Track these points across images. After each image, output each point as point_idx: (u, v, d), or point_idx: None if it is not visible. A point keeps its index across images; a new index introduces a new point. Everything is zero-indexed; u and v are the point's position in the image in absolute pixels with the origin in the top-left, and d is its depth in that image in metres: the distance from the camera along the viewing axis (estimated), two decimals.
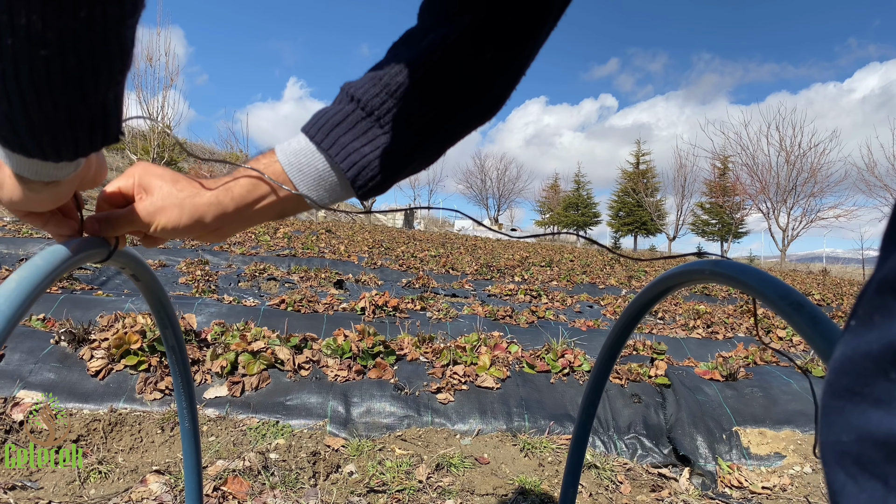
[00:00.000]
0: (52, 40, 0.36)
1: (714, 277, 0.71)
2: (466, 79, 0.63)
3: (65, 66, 0.38)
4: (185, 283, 5.86)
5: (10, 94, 0.38)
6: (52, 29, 0.36)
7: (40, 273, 0.50)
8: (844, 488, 0.25)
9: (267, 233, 11.67)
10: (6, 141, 0.43)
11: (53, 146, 0.43)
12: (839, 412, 0.26)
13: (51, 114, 0.40)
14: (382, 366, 2.75)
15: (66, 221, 0.59)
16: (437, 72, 0.62)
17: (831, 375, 0.28)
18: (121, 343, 2.57)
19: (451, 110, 0.65)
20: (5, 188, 0.51)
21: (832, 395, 0.27)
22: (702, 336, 4.83)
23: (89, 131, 0.44)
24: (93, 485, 1.92)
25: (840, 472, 0.25)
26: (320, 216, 27.54)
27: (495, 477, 2.15)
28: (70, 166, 0.49)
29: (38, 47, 0.36)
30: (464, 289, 7.43)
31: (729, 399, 2.74)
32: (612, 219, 44.91)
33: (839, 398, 0.26)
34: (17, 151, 0.44)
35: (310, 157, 0.63)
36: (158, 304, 0.86)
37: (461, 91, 0.64)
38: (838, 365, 0.27)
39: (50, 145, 0.43)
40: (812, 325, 0.56)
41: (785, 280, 1.92)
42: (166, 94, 16.90)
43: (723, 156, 34.92)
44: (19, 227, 8.28)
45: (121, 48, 0.40)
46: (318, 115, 0.64)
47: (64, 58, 0.38)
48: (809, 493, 2.25)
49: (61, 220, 0.59)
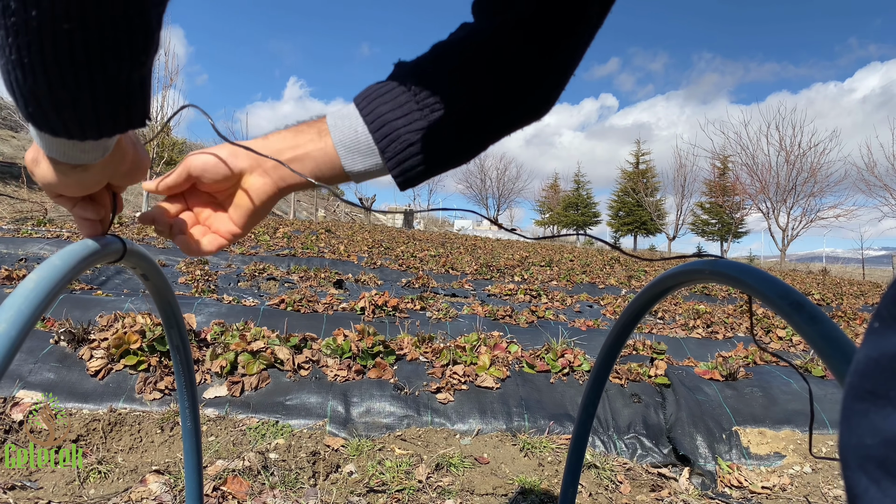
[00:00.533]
0: (74, 14, 0.37)
1: (714, 277, 0.71)
2: (506, 72, 0.65)
3: (86, 40, 0.38)
4: (184, 282, 5.86)
5: (35, 67, 0.39)
6: (75, 3, 0.37)
7: (58, 272, 0.51)
8: (867, 492, 0.24)
9: (266, 233, 11.66)
10: (34, 118, 0.44)
11: (76, 123, 0.44)
12: (863, 415, 0.25)
13: (72, 89, 0.41)
14: (382, 366, 2.75)
15: (92, 205, 0.60)
16: (473, 61, 0.64)
17: (854, 378, 0.27)
18: (120, 343, 2.57)
19: (491, 103, 0.66)
20: (40, 167, 0.53)
21: (855, 397, 0.26)
22: (701, 336, 4.84)
23: (111, 111, 0.44)
24: (92, 485, 1.92)
25: (862, 475, 0.25)
26: (320, 216, 27.51)
27: (495, 477, 2.15)
28: (97, 151, 0.50)
29: (62, 21, 0.37)
30: (463, 289, 7.43)
31: (729, 399, 2.74)
32: (612, 218, 44.91)
33: (862, 401, 0.26)
34: (43, 130, 0.45)
35: (352, 119, 0.64)
36: (166, 304, 0.86)
37: (501, 84, 0.65)
38: (861, 367, 0.27)
39: (73, 122, 0.44)
40: (812, 325, 0.56)
41: (785, 280, 1.92)
42: (166, 93, 16.91)
43: (723, 155, 34.91)
44: (19, 226, 8.27)
45: (144, 28, 0.41)
46: (372, 86, 0.66)
47: (86, 32, 0.38)
48: (809, 492, 2.25)
49: (88, 204, 0.60)
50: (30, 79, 0.40)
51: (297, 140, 0.65)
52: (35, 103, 0.42)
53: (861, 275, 24.66)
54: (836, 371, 0.52)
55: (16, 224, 8.41)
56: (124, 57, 0.41)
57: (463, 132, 0.66)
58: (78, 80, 0.40)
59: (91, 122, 0.44)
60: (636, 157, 44.51)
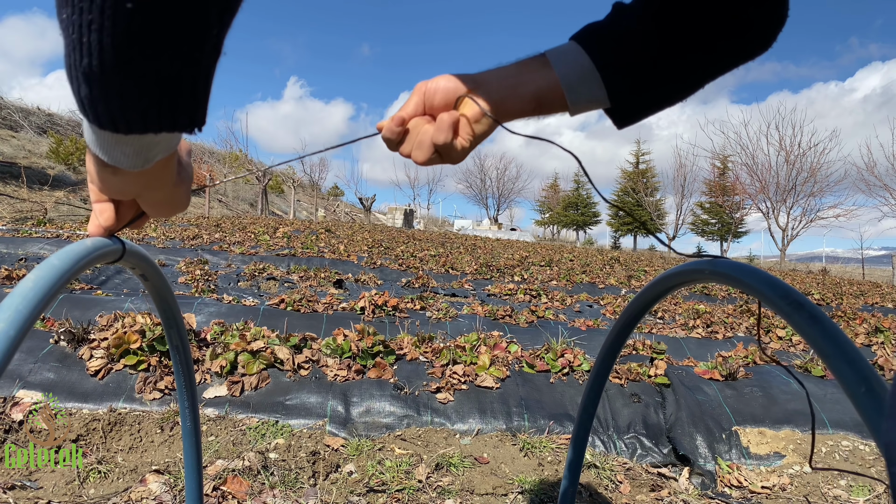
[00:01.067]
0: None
1: (714, 277, 0.71)
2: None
3: (144, 24, 0.39)
4: (184, 282, 5.86)
5: (92, 45, 0.40)
6: None
7: (56, 273, 0.51)
8: None
9: (266, 232, 11.67)
10: (81, 106, 0.45)
11: (122, 112, 0.44)
12: None
13: (122, 74, 0.42)
14: (382, 365, 2.75)
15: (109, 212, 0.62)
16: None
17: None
18: (120, 343, 2.57)
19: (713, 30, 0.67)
20: (88, 158, 0.57)
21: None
22: (701, 336, 4.83)
23: (158, 105, 0.45)
24: (92, 484, 1.92)
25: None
26: (320, 215, 27.52)
27: (495, 476, 2.15)
28: (137, 158, 0.51)
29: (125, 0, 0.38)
30: (463, 288, 7.43)
31: (728, 399, 2.74)
32: (612, 218, 44.92)
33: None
34: (90, 120, 0.46)
35: (575, 54, 0.68)
36: (165, 304, 0.86)
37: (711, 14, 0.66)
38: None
39: (119, 110, 0.44)
40: (812, 325, 0.55)
41: (784, 280, 1.91)
42: None
43: (722, 155, 34.93)
44: (18, 226, 8.27)
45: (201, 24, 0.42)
46: (590, 24, 0.70)
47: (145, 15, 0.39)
48: (809, 492, 2.25)
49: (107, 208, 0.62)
50: (85, 59, 0.41)
51: (520, 70, 0.68)
52: (87, 86, 0.43)
53: (861, 275, 24.66)
54: (836, 371, 0.52)
55: (16, 224, 8.41)
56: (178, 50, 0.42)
57: (685, 65, 0.68)
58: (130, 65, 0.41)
59: (136, 113, 0.45)
60: (636, 157, 44.52)
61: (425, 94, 0.68)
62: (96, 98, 0.43)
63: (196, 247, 8.36)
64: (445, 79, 0.68)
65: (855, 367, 0.51)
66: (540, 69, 0.68)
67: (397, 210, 38.47)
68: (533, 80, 0.67)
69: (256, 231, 11.78)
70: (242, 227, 12.75)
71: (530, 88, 0.67)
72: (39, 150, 20.36)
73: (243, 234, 10.95)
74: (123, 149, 0.50)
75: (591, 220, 48.50)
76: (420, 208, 49.05)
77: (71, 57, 0.41)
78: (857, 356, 0.51)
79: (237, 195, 28.09)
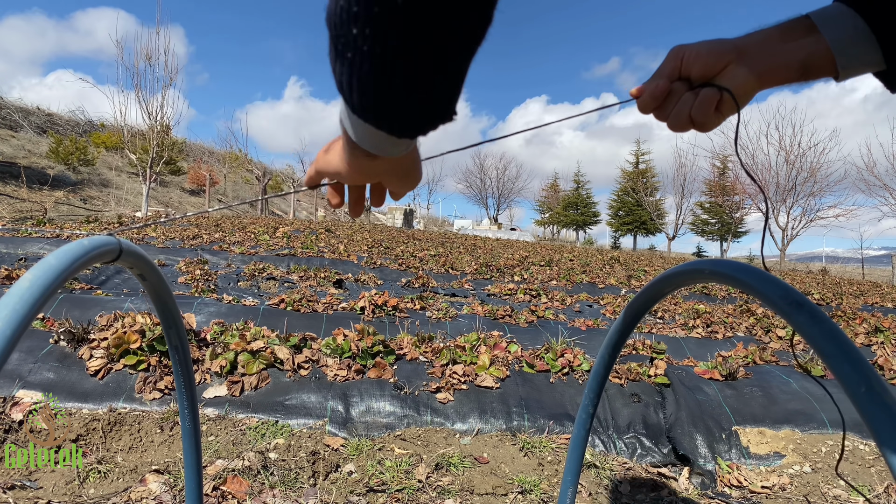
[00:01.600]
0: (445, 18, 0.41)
1: (714, 277, 0.71)
2: None
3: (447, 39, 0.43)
4: (184, 282, 5.86)
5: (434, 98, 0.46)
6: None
7: (53, 272, 0.51)
8: None
9: (266, 232, 11.67)
10: (364, 111, 0.48)
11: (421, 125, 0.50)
12: None
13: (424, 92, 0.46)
14: (382, 365, 2.75)
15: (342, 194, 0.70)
16: None
17: None
18: (120, 342, 2.57)
19: None
20: (330, 154, 0.62)
21: None
22: (701, 335, 4.84)
23: (442, 116, 0.49)
24: (92, 484, 1.92)
25: None
26: (320, 215, 27.51)
27: (495, 476, 2.15)
28: (403, 145, 0.55)
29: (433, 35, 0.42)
30: (463, 288, 7.43)
31: (728, 398, 2.74)
32: (612, 218, 44.91)
33: None
34: (387, 131, 0.50)
35: (846, 17, 0.65)
36: (163, 304, 0.86)
37: None
38: None
39: (419, 124, 0.50)
40: (812, 325, 0.55)
41: (784, 279, 1.92)
42: (166, 93, 16.87)
43: (722, 155, 34.91)
44: (18, 226, 8.27)
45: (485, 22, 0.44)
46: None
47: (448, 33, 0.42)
48: (809, 492, 2.25)
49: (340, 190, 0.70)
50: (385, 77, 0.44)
51: (784, 36, 0.67)
52: (384, 105, 0.46)
53: (861, 274, 24.66)
54: (836, 371, 0.52)
55: (15, 224, 8.41)
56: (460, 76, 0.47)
57: None
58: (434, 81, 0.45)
59: (431, 126, 0.50)
60: (636, 157, 44.51)
61: (683, 61, 0.67)
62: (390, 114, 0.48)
63: (196, 247, 8.37)
64: (707, 48, 0.67)
65: (855, 366, 0.51)
66: (806, 34, 0.65)
67: (397, 210, 38.45)
68: (800, 47, 0.65)
69: (256, 231, 11.78)
70: (242, 226, 12.75)
71: (798, 56, 0.65)
72: (39, 149, 20.36)
73: (243, 234, 10.96)
74: (398, 144, 0.54)
75: (591, 220, 48.48)
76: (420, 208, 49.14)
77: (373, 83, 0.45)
78: (858, 356, 0.51)
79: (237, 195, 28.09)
